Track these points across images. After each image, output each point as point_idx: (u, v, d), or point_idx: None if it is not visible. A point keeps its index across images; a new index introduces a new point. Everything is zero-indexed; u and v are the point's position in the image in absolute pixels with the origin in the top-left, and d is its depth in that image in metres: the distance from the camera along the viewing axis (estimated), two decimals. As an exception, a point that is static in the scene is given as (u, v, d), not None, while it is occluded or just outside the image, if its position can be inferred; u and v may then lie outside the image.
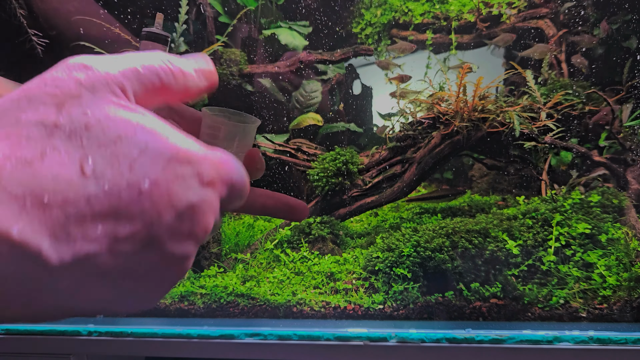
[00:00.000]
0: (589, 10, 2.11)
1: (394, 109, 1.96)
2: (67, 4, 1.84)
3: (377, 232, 1.82)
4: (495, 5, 2.30)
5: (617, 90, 1.95)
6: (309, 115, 2.28)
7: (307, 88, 2.36)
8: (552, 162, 1.89)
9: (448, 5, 2.41)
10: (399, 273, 1.44)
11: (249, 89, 2.30)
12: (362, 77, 2.62)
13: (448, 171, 2.45)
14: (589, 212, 1.55)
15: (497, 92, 2.04)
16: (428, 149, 1.79)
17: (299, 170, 2.09)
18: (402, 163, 1.85)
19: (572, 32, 2.15)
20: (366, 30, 2.51)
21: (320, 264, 1.60)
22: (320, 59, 2.30)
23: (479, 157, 2.07)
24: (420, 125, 1.86)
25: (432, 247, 1.45)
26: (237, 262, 1.68)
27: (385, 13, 2.48)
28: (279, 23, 2.42)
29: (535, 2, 2.27)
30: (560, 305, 1.35)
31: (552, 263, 1.42)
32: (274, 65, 2.32)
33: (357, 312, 1.42)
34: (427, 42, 2.40)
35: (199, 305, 1.50)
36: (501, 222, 1.53)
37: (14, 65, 1.71)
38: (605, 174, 1.80)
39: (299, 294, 1.48)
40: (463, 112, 1.72)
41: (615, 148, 1.84)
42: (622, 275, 1.37)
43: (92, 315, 0.34)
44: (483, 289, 1.40)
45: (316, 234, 1.73)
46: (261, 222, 2.07)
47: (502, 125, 1.70)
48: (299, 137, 2.27)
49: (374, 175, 1.89)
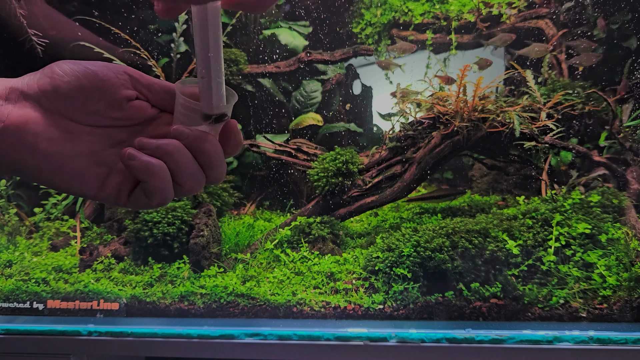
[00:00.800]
0: (589, 10, 2.11)
1: (394, 109, 1.96)
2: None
3: (377, 232, 1.82)
4: (495, 5, 2.29)
5: (618, 90, 1.95)
6: (309, 115, 2.28)
7: (307, 88, 2.36)
8: (552, 162, 1.89)
9: (448, 5, 2.41)
10: (399, 273, 1.44)
11: (249, 89, 2.30)
12: (362, 77, 2.61)
13: (448, 171, 2.45)
14: (589, 212, 1.55)
15: (497, 92, 2.04)
16: (428, 149, 1.79)
17: (299, 170, 2.09)
18: (402, 163, 1.85)
19: (569, 37, 2.15)
20: (366, 30, 2.51)
21: (320, 264, 1.60)
22: (320, 59, 2.30)
23: (479, 157, 2.07)
24: (420, 125, 1.86)
25: (432, 247, 1.45)
26: (237, 262, 1.68)
27: (385, 13, 2.48)
28: (279, 23, 2.42)
29: (535, 2, 2.27)
30: (560, 305, 1.35)
31: (552, 263, 1.42)
32: (274, 65, 2.32)
33: (357, 312, 1.42)
34: (427, 42, 2.40)
35: (199, 305, 1.50)
36: (501, 222, 1.53)
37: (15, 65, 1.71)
38: (605, 174, 1.80)
39: (299, 294, 1.48)
40: (463, 112, 1.72)
41: (615, 148, 1.84)
42: (622, 275, 1.37)
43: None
44: (483, 289, 1.40)
45: (316, 234, 1.73)
46: (261, 222, 2.08)
47: (502, 125, 1.70)
48: (299, 137, 2.27)
49: (374, 175, 1.89)
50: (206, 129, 0.54)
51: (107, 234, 1.93)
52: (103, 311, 1.51)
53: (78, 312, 1.52)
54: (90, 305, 1.52)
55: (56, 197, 2.08)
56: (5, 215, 2.01)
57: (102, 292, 1.53)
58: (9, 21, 1.41)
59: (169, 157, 0.52)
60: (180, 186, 0.54)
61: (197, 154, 0.54)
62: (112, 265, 1.69)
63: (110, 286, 1.57)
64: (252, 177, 2.33)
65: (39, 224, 2.05)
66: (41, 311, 1.53)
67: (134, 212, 1.73)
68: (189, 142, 0.53)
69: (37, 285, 1.59)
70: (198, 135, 0.53)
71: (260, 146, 2.08)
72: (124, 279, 1.61)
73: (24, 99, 0.52)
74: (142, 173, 0.52)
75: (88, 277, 1.62)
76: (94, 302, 1.52)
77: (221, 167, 0.56)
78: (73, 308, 1.52)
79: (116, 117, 0.56)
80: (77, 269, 1.68)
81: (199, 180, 0.55)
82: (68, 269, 1.69)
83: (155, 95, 0.57)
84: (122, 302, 1.51)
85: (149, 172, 0.51)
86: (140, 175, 0.52)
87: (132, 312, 1.51)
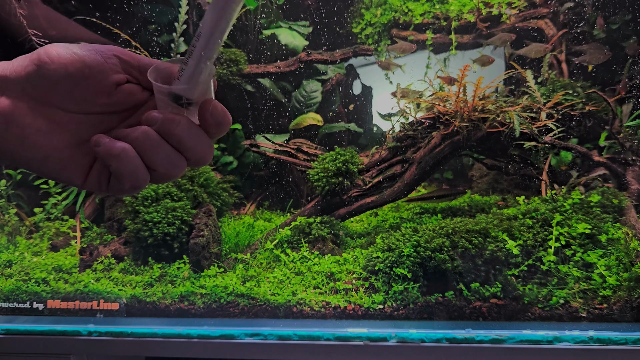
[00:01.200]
0: (589, 10, 2.11)
1: (394, 109, 1.96)
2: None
3: (377, 232, 1.82)
4: (495, 5, 2.29)
5: (617, 90, 1.95)
6: (309, 115, 2.28)
7: (307, 88, 2.36)
8: (552, 162, 1.89)
9: (448, 5, 2.41)
10: (399, 273, 1.44)
11: (249, 89, 2.30)
12: (362, 77, 2.61)
13: (448, 171, 2.45)
14: (589, 212, 1.55)
15: (497, 92, 2.04)
16: (428, 149, 1.79)
17: (299, 170, 2.09)
18: (402, 163, 1.85)
19: (571, 38, 2.15)
20: (366, 30, 2.51)
21: (320, 264, 1.60)
22: (320, 59, 2.30)
23: (479, 157, 2.07)
24: (420, 125, 1.86)
25: (432, 247, 1.45)
26: (237, 262, 1.68)
27: (385, 13, 2.48)
28: (279, 23, 2.42)
29: (535, 2, 2.27)
30: (560, 305, 1.35)
31: (552, 263, 1.42)
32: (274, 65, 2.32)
33: (357, 312, 1.42)
34: (427, 42, 2.40)
35: (199, 305, 1.50)
36: (501, 222, 1.53)
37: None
38: (605, 174, 1.80)
39: (299, 294, 1.48)
40: (463, 112, 1.72)
41: (615, 148, 1.84)
42: (622, 275, 1.37)
43: None
44: (483, 289, 1.40)
45: (316, 234, 1.73)
46: (261, 222, 2.08)
47: (502, 125, 1.70)
48: (299, 137, 2.27)
49: (374, 175, 1.89)
50: (181, 111, 0.53)
51: (107, 234, 1.93)
52: (103, 311, 1.51)
53: (78, 312, 1.52)
54: (90, 305, 1.52)
55: (56, 197, 2.09)
56: (5, 215, 2.01)
57: (102, 292, 1.53)
58: (9, 21, 1.41)
59: (137, 143, 0.52)
60: (155, 170, 0.54)
61: (168, 138, 0.53)
62: (112, 265, 1.69)
63: (110, 286, 1.57)
64: (252, 177, 2.33)
65: (39, 224, 2.05)
66: (41, 311, 1.53)
67: (134, 212, 1.73)
68: (159, 127, 0.52)
69: (37, 285, 1.59)
70: (168, 119, 0.52)
71: (260, 146, 2.08)
72: (124, 279, 1.61)
73: (10, 87, 0.51)
74: (106, 157, 0.51)
75: (88, 277, 1.62)
76: (94, 302, 1.52)
77: (199, 148, 0.55)
78: (73, 308, 1.52)
79: (105, 104, 0.55)
80: (77, 269, 1.68)
81: (174, 164, 0.54)
82: (68, 269, 1.69)
83: (146, 77, 0.55)
84: (122, 302, 1.51)
85: (111, 156, 0.51)
86: (105, 160, 0.52)
87: (132, 312, 1.51)
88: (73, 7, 2.00)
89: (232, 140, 2.28)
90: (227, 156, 2.26)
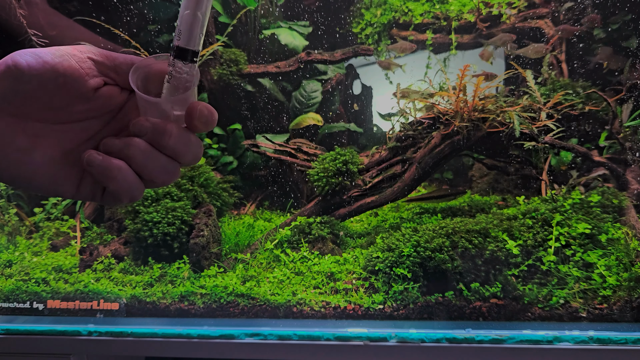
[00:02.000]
0: (589, 9, 2.11)
1: (394, 109, 1.96)
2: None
3: (377, 232, 1.82)
4: (495, 5, 2.30)
5: (617, 90, 1.95)
6: (309, 115, 2.28)
7: (307, 88, 2.36)
8: (552, 162, 1.89)
9: (448, 5, 2.41)
10: (399, 273, 1.44)
11: (249, 89, 2.30)
12: (362, 77, 2.62)
13: (448, 171, 2.45)
14: (589, 212, 1.55)
15: (497, 91, 2.04)
16: (428, 149, 1.79)
17: (299, 170, 2.09)
18: (402, 163, 1.85)
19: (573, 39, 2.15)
20: (366, 30, 2.51)
21: (320, 264, 1.60)
22: (320, 59, 2.29)
23: (479, 157, 2.07)
24: (420, 125, 1.86)
25: (432, 247, 1.45)
26: (237, 262, 1.68)
27: (385, 13, 2.48)
28: (279, 23, 2.42)
29: (535, 2, 2.27)
30: (560, 305, 1.35)
31: (552, 263, 1.42)
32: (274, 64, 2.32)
33: (357, 312, 1.42)
34: (427, 42, 2.40)
35: (199, 305, 1.50)
36: (501, 222, 1.53)
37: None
38: (605, 174, 1.80)
39: (299, 294, 1.48)
40: (463, 112, 1.72)
41: (615, 148, 1.84)
42: (622, 275, 1.37)
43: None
44: (483, 289, 1.40)
45: (316, 234, 1.73)
46: (261, 222, 2.08)
47: (502, 125, 1.70)
48: (299, 137, 2.27)
49: (374, 175, 1.89)
50: (167, 106, 0.52)
51: (107, 234, 1.93)
52: (103, 311, 1.51)
53: (78, 312, 1.52)
54: (90, 305, 1.52)
55: (56, 197, 2.09)
56: (5, 215, 2.01)
57: (102, 292, 1.53)
58: (9, 21, 1.41)
59: (131, 160, 0.51)
60: (152, 181, 0.53)
61: (161, 149, 0.52)
62: (112, 265, 1.69)
63: (110, 286, 1.57)
64: (252, 177, 2.33)
65: (39, 224, 2.05)
66: (41, 311, 1.53)
67: (134, 212, 1.73)
68: (150, 138, 0.51)
69: (37, 285, 1.59)
70: (159, 130, 0.51)
71: (260, 146, 2.08)
72: (124, 279, 1.61)
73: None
74: (101, 179, 0.50)
75: (88, 277, 1.62)
76: (94, 302, 1.52)
77: (191, 151, 0.54)
78: (73, 308, 1.52)
79: (85, 110, 0.52)
80: (77, 269, 1.68)
81: (169, 171, 0.53)
82: (68, 269, 1.69)
83: (123, 77, 0.53)
84: (122, 302, 1.51)
85: (108, 178, 0.50)
86: (100, 181, 0.51)
87: (132, 312, 1.51)
88: (73, 7, 2.00)
89: (232, 140, 2.28)
90: (227, 156, 2.26)
